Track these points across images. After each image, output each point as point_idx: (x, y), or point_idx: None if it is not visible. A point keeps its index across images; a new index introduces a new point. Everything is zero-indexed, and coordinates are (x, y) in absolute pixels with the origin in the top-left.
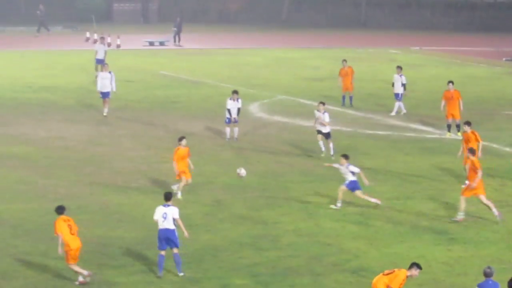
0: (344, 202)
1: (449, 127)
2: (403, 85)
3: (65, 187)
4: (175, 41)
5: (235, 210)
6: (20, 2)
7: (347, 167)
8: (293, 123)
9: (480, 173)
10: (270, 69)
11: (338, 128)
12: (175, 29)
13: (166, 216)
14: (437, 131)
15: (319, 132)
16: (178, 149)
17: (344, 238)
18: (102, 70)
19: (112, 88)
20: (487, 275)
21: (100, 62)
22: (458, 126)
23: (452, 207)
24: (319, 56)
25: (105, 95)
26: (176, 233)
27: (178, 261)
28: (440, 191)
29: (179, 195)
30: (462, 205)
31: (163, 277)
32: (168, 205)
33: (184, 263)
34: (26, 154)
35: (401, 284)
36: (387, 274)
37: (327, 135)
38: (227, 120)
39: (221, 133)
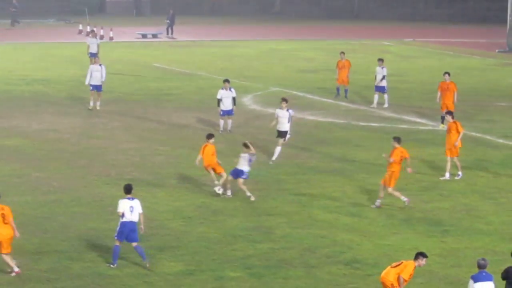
0: (338, 194)
1: (443, 118)
2: (383, 76)
3: (59, 180)
4: (168, 33)
5: (228, 202)
6: None
7: (251, 155)
8: None
9: (391, 160)
10: (263, 61)
11: (331, 120)
12: (168, 21)
13: (132, 209)
14: (431, 123)
15: (279, 134)
16: (206, 146)
17: (338, 230)
18: (93, 63)
19: (102, 78)
20: (480, 266)
21: (94, 56)
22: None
23: (446, 199)
24: (312, 47)
25: (97, 88)
26: (137, 226)
27: (142, 251)
28: (433, 183)
29: (221, 191)
30: (396, 193)
31: (156, 270)
32: (133, 198)
33: (178, 256)
34: (19, 146)
35: (411, 274)
36: (396, 266)
37: (284, 134)
38: (221, 112)
39: (215, 125)
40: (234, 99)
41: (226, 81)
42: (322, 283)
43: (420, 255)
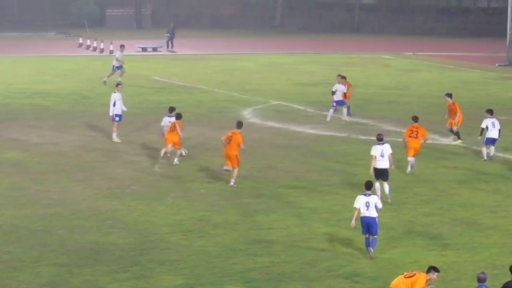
0: (338, 208)
1: (457, 134)
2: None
3: (58, 193)
4: (168, 47)
5: (228, 215)
6: (13, 8)
7: None
8: (287, 129)
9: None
10: (263, 75)
11: (331, 133)
12: (168, 34)
13: (368, 204)
14: (431, 136)
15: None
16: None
17: (338, 244)
18: (115, 91)
19: (123, 108)
20: (480, 280)
21: (120, 68)
22: (457, 134)
23: (447, 212)
24: (312, 61)
25: (120, 117)
26: (377, 221)
27: (374, 243)
28: (433, 196)
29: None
30: None
31: (156, 284)
32: (369, 194)
33: (178, 269)
34: (19, 159)
35: (422, 287)
36: (409, 277)
37: (384, 173)
38: (334, 104)
39: (215, 139)
40: (344, 93)
41: (343, 77)
42: None
43: (432, 269)
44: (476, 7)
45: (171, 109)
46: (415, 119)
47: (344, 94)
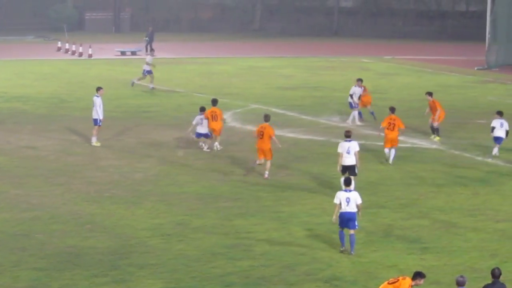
0: (317, 211)
1: (432, 130)
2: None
3: (37, 197)
4: (147, 51)
5: (207, 219)
6: None
7: None
8: None
9: None
10: (242, 78)
11: (310, 137)
12: (147, 38)
13: (349, 200)
14: (410, 140)
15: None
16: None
17: (317, 248)
18: (97, 95)
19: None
20: (459, 284)
21: (150, 72)
22: (436, 130)
23: (426, 216)
24: (291, 65)
25: (101, 122)
26: (355, 216)
27: (352, 240)
28: (412, 200)
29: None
30: None
31: (136, 287)
32: (350, 190)
33: (157, 273)
34: None
35: None
36: (392, 283)
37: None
38: (356, 106)
39: (194, 143)
40: (360, 95)
41: (360, 80)
42: None
43: (418, 275)
44: (454, 11)
45: (202, 109)
46: (392, 110)
47: (359, 98)
